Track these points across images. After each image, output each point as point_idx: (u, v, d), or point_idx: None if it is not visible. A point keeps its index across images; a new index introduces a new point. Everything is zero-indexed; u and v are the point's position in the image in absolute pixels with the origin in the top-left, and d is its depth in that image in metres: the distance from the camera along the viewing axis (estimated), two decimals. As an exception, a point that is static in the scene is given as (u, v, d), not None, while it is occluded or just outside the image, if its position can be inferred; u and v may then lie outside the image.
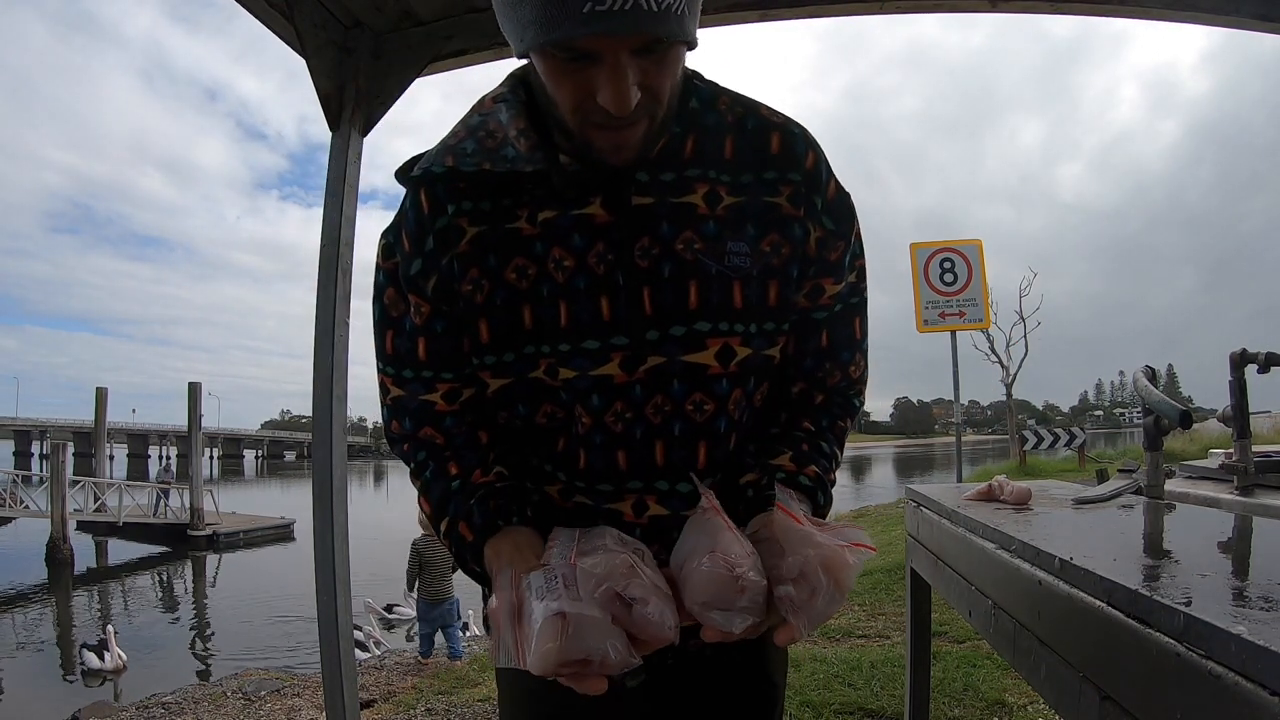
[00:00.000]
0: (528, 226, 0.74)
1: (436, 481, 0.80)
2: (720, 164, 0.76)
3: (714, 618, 0.63)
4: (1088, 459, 14.79)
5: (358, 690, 2.05)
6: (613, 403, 0.74)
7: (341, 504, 2.01)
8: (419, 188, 0.76)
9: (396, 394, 0.82)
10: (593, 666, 0.60)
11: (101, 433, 23.53)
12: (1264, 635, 0.51)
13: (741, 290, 0.74)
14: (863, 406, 0.89)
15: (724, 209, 0.75)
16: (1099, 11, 2.01)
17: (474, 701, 3.71)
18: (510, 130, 0.73)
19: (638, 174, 0.73)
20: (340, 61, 2.04)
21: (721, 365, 0.75)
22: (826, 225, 0.79)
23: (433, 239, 0.75)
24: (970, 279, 6.73)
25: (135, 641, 8.49)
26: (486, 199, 0.75)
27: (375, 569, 8.88)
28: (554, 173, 0.73)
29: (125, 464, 50.53)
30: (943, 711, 2.83)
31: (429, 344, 0.78)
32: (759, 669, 0.88)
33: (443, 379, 0.79)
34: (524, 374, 0.75)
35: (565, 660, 0.59)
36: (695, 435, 0.76)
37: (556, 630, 0.59)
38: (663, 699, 0.84)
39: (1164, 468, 1.51)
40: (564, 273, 0.73)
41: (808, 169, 0.77)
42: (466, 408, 0.81)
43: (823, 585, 0.63)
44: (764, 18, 2.03)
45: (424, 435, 0.82)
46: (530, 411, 0.78)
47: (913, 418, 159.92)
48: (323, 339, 2.01)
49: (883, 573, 5.63)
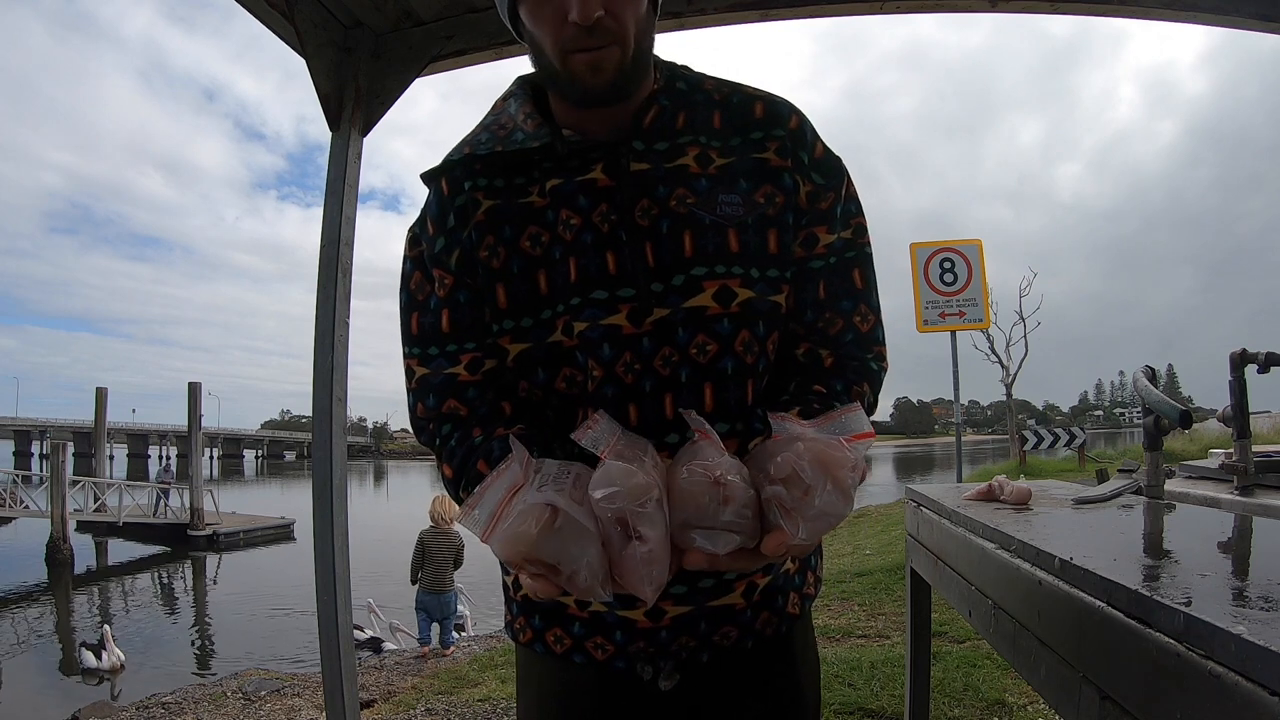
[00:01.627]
0: (539, 199, 0.80)
1: (460, 446, 0.80)
2: (710, 131, 0.82)
3: (695, 538, 0.58)
4: (1088, 459, 14.79)
5: (358, 690, 2.05)
6: (622, 353, 0.77)
7: (341, 504, 2.01)
8: (440, 177, 0.84)
9: (422, 373, 0.84)
10: (558, 578, 0.55)
11: (101, 433, 23.54)
12: (1264, 635, 0.52)
13: (737, 236, 0.79)
14: (884, 371, 0.87)
15: (715, 168, 0.80)
16: (1099, 11, 2.01)
17: (474, 701, 3.71)
18: (519, 117, 0.82)
19: (634, 143, 0.80)
20: (340, 61, 2.04)
21: (720, 305, 0.78)
22: (815, 180, 0.83)
23: (454, 215, 0.82)
24: (970, 279, 6.73)
25: (135, 641, 8.50)
26: (500, 177, 0.82)
27: (375, 569, 8.89)
28: (558, 142, 0.79)
29: (125, 464, 50.55)
30: (943, 711, 2.83)
31: (452, 314, 0.82)
32: (791, 682, 0.87)
33: (466, 349, 0.82)
34: (542, 339, 0.79)
35: (534, 555, 0.54)
36: (700, 378, 0.78)
37: (539, 519, 0.54)
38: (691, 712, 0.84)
39: (1164, 468, 1.51)
40: (571, 231, 0.79)
41: (791, 128, 0.83)
42: (489, 379, 0.83)
43: (817, 482, 0.56)
44: (764, 17, 2.03)
45: (448, 409, 0.83)
46: (550, 377, 0.80)
47: (913, 418, 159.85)
48: (323, 339, 2.01)
49: (883, 573, 5.63)
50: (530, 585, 0.59)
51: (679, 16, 1.99)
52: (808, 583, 0.90)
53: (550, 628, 0.84)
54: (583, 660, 0.83)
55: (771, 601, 0.84)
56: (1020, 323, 18.93)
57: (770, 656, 0.85)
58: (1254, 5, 1.86)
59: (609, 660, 0.82)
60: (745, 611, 0.82)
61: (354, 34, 2.05)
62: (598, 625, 0.82)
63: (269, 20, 1.96)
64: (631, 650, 0.81)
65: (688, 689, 0.82)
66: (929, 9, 2.06)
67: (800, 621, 0.88)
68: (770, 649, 0.85)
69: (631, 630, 0.80)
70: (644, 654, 0.81)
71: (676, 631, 0.80)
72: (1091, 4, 1.96)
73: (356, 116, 2.06)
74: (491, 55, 2.08)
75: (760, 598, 0.83)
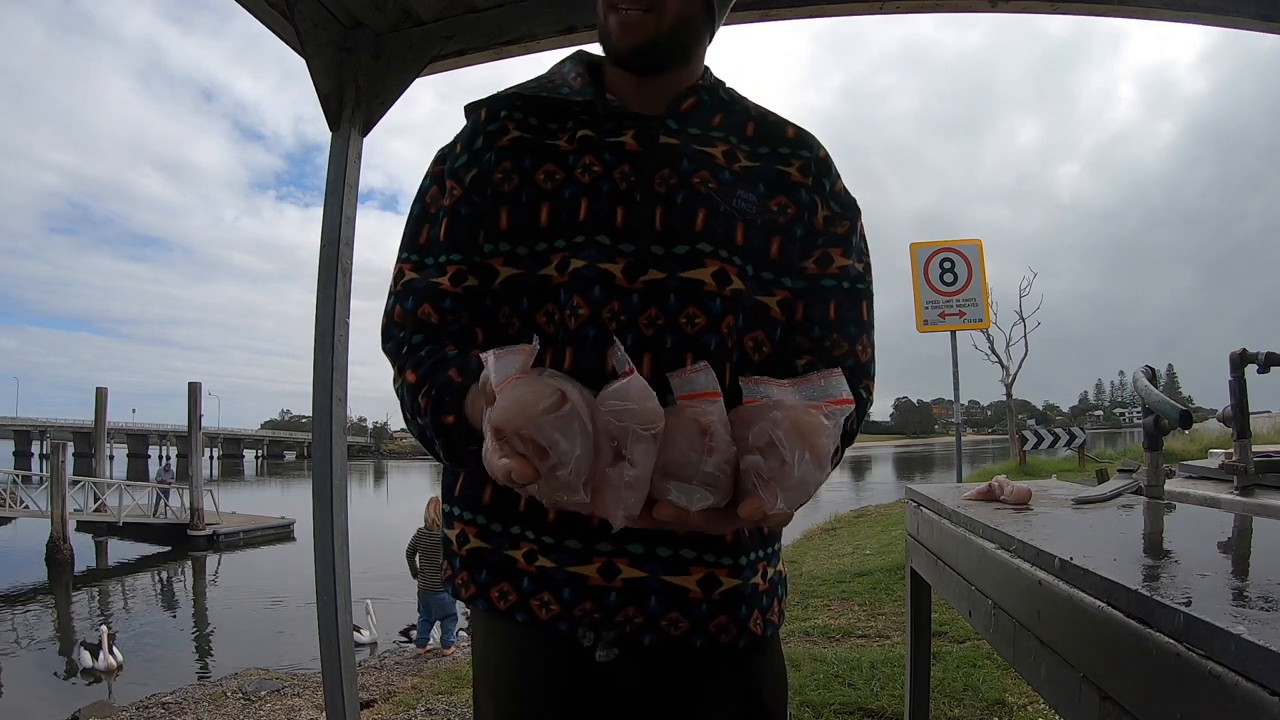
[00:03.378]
0: (566, 145, 0.83)
1: (430, 356, 0.79)
2: (741, 136, 0.87)
3: (670, 489, 0.57)
4: (1088, 459, 14.79)
5: (358, 690, 2.05)
6: (611, 301, 0.78)
7: (341, 504, 2.01)
8: (482, 108, 0.88)
9: (411, 278, 0.84)
10: (542, 463, 0.53)
11: (101, 433, 23.54)
12: (1264, 635, 0.52)
13: (744, 231, 0.82)
14: (869, 404, 0.88)
15: (739, 168, 0.84)
16: (1099, 11, 2.01)
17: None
18: (570, 75, 0.88)
19: (668, 121, 0.85)
20: (340, 61, 2.04)
21: (717, 285, 0.80)
22: (833, 208, 0.88)
23: (482, 138, 0.86)
24: (970, 279, 6.72)
25: (135, 641, 8.49)
26: (536, 117, 0.86)
27: (375, 569, 8.88)
28: (599, 103, 0.85)
29: (125, 464, 50.52)
30: (943, 711, 2.83)
31: (451, 224, 0.84)
32: (751, 691, 0.84)
33: (453, 260, 0.83)
34: (534, 270, 0.80)
35: (530, 431, 0.52)
36: (684, 347, 0.78)
37: (547, 396, 0.52)
38: (642, 705, 0.81)
39: (1164, 468, 1.51)
40: (590, 175, 0.82)
41: (819, 156, 0.88)
42: (468, 296, 0.83)
43: (795, 452, 0.55)
44: (764, 17, 2.03)
45: (422, 314, 0.82)
46: (532, 308, 0.80)
47: (913, 418, 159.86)
48: (323, 339, 2.01)
49: (883, 573, 5.64)
50: (505, 465, 0.55)
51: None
52: (773, 609, 0.87)
53: (497, 583, 0.81)
54: (525, 619, 0.80)
55: (733, 609, 0.81)
56: (1020, 323, 18.95)
57: (723, 667, 0.82)
58: (1254, 5, 1.86)
59: (552, 620, 0.79)
60: (700, 605, 0.79)
61: (354, 34, 2.05)
62: (545, 581, 0.79)
63: (269, 20, 1.96)
64: (577, 612, 0.78)
65: (637, 679, 0.80)
66: (929, 9, 2.06)
67: (764, 645, 0.86)
68: (725, 659, 0.82)
69: (582, 588, 0.78)
70: (588, 617, 0.78)
71: (625, 599, 0.78)
72: (1092, 4, 1.96)
73: (356, 116, 2.06)
74: (491, 55, 2.08)
75: (720, 598, 0.80)
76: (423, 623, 5.63)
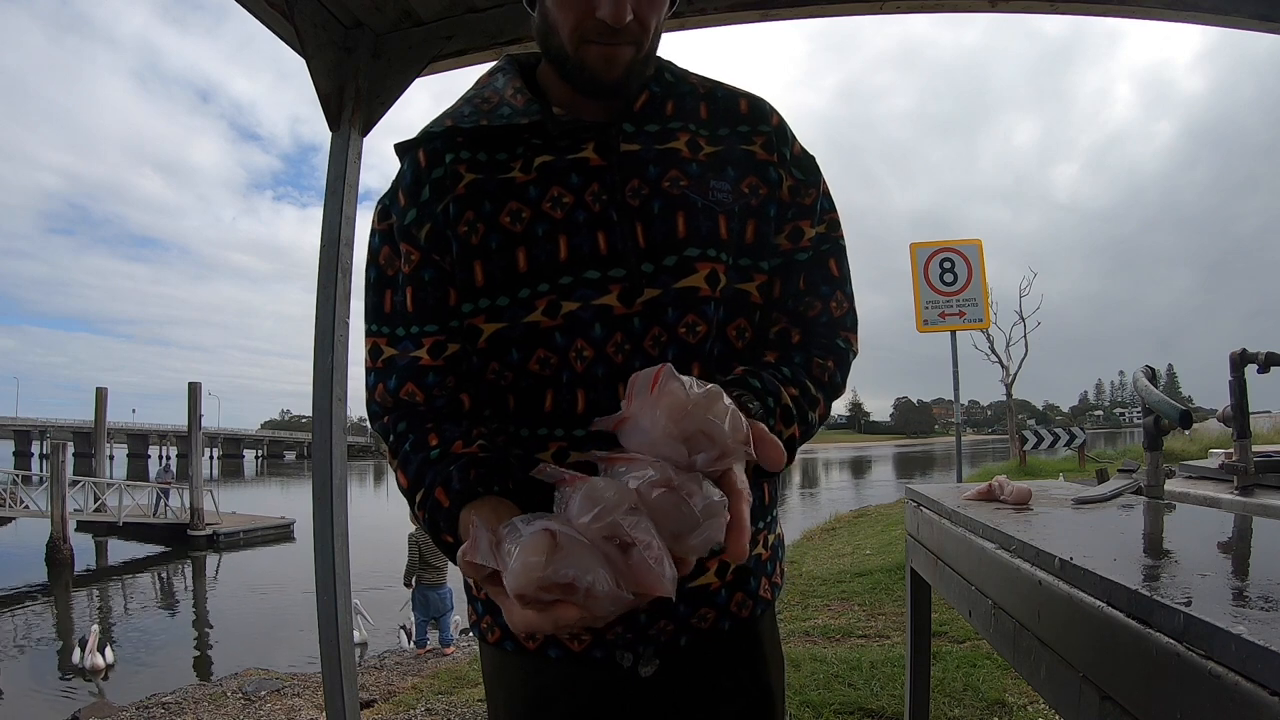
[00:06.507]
0: (521, 175, 0.79)
1: (416, 452, 0.77)
2: (698, 120, 0.84)
3: (692, 541, 0.56)
4: (1088, 459, 14.79)
5: (358, 690, 2.05)
6: (613, 333, 0.76)
7: (341, 504, 2.01)
8: (418, 148, 0.82)
9: (389, 354, 0.81)
10: (577, 595, 0.53)
11: (101, 433, 23.53)
12: (1264, 635, 0.51)
13: (726, 223, 0.80)
14: (852, 352, 0.86)
15: (705, 155, 0.82)
16: (1098, 11, 2.01)
17: (474, 701, 3.70)
18: (506, 91, 0.82)
19: (624, 125, 0.81)
20: (340, 61, 2.04)
21: (711, 288, 0.79)
22: (796, 175, 0.86)
23: (429, 189, 0.80)
24: (970, 279, 6.72)
25: (135, 641, 8.50)
26: (483, 151, 0.80)
27: (375, 569, 8.88)
28: (548, 121, 0.80)
29: (125, 464, 50.49)
30: (943, 711, 2.83)
31: (415, 293, 0.80)
32: (762, 669, 0.87)
33: (428, 332, 0.80)
34: (518, 319, 0.77)
35: (549, 581, 0.52)
36: (689, 357, 0.78)
37: (543, 545, 0.52)
38: (661, 703, 0.83)
39: (1164, 468, 1.51)
40: (563, 209, 0.78)
41: (774, 125, 0.86)
42: (451, 364, 0.80)
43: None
44: (764, 17, 2.03)
45: (405, 395, 0.79)
46: (523, 358, 0.78)
47: (913, 418, 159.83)
48: (323, 339, 2.01)
49: (883, 573, 5.64)
50: (550, 620, 0.53)
51: (680, 16, 1.99)
52: (776, 573, 0.91)
53: None
54: (558, 654, 0.80)
55: (744, 583, 0.85)
56: (1020, 323, 18.94)
57: (745, 641, 0.86)
58: (1253, 5, 1.86)
59: (586, 650, 0.80)
60: (720, 592, 0.82)
61: (354, 34, 2.05)
62: None
63: (269, 20, 1.96)
64: (610, 637, 0.79)
65: (665, 676, 0.81)
66: (929, 9, 2.06)
67: (769, 611, 0.90)
68: (744, 632, 0.85)
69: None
70: (623, 640, 0.79)
71: (656, 615, 0.79)
72: (1091, 3, 1.96)
73: (356, 116, 2.06)
74: (491, 55, 2.08)
75: (733, 577, 0.83)
76: (420, 623, 5.63)
